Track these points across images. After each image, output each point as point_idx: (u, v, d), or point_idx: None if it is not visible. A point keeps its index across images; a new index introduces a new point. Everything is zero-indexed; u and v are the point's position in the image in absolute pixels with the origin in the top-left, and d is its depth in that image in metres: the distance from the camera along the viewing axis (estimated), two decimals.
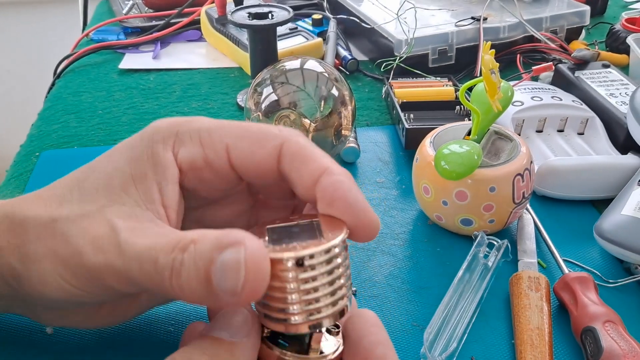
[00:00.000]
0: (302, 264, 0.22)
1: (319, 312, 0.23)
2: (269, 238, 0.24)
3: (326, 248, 0.22)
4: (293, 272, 0.22)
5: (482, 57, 0.39)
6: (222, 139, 0.27)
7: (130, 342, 0.34)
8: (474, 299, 0.37)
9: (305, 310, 0.22)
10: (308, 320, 0.23)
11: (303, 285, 0.22)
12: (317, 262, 0.22)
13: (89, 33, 0.82)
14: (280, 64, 0.49)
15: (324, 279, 0.23)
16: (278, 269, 0.22)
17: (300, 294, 0.22)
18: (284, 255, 0.22)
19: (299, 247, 0.22)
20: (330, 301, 0.23)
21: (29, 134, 0.60)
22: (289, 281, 0.22)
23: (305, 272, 0.22)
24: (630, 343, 0.32)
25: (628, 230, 0.39)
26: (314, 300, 0.22)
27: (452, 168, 0.39)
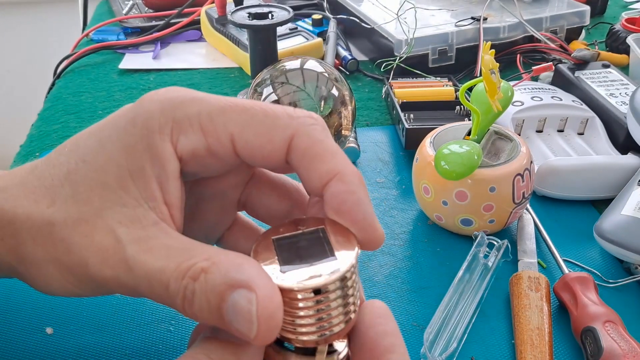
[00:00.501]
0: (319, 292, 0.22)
1: (330, 331, 0.23)
2: (279, 257, 0.23)
3: (341, 277, 0.22)
4: (307, 301, 0.22)
5: (482, 57, 0.39)
6: (226, 126, 0.25)
7: (130, 342, 0.34)
8: (474, 299, 0.37)
9: (316, 331, 0.22)
10: (318, 338, 0.23)
11: (316, 311, 0.22)
12: (332, 289, 0.22)
13: (89, 33, 0.82)
14: (280, 64, 0.49)
15: (337, 303, 0.22)
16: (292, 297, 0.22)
17: (313, 318, 0.22)
18: (300, 287, 0.22)
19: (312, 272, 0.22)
20: (341, 320, 0.23)
21: (29, 134, 0.60)
22: (302, 309, 0.22)
23: (319, 301, 0.22)
24: (630, 343, 0.32)
25: (628, 230, 0.39)
26: (325, 321, 0.22)
27: (452, 168, 0.39)
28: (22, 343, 0.34)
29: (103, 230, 0.24)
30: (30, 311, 0.36)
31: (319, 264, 0.22)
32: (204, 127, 0.25)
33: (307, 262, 0.23)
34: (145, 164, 0.24)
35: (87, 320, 0.35)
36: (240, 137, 0.25)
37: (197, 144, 0.25)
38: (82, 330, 0.35)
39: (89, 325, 0.35)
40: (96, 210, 0.24)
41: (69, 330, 0.35)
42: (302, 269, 0.22)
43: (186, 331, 0.35)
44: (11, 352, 0.33)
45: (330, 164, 0.24)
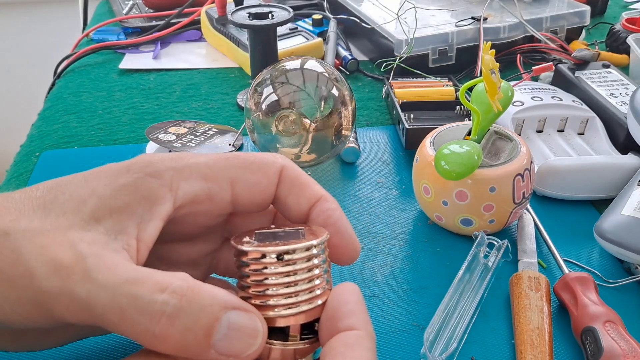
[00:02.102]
0: (282, 258, 0.24)
1: (297, 307, 0.24)
2: (255, 238, 0.26)
3: (307, 245, 0.24)
4: (275, 266, 0.24)
5: (482, 57, 0.39)
6: (226, 172, 0.27)
7: (130, 342, 0.34)
8: (474, 299, 0.37)
9: (284, 304, 0.24)
10: (285, 314, 0.24)
11: (283, 278, 0.24)
12: (298, 257, 0.24)
13: (89, 33, 0.82)
14: (280, 64, 0.49)
15: (303, 274, 0.24)
16: (260, 263, 0.24)
17: (280, 287, 0.24)
18: (268, 249, 0.24)
19: (282, 244, 0.24)
20: (307, 298, 0.24)
21: (29, 134, 0.60)
22: (271, 275, 0.24)
23: (285, 265, 0.24)
24: (630, 343, 0.32)
25: (628, 230, 0.39)
26: (292, 294, 0.24)
27: (452, 168, 0.39)
28: None
29: (63, 244, 0.23)
30: None
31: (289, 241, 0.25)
32: (205, 174, 0.27)
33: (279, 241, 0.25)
34: (130, 203, 0.24)
35: None
36: (239, 178, 0.27)
37: (199, 190, 0.26)
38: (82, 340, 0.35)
39: None
40: (61, 227, 0.23)
41: None
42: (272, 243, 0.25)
43: None
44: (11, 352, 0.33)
45: (315, 189, 0.28)
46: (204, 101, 0.65)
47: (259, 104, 0.48)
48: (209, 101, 0.65)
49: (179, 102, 0.65)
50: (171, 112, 0.63)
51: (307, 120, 0.47)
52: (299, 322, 0.24)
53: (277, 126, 0.47)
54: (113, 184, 0.25)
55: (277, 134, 0.48)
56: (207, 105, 0.64)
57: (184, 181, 0.26)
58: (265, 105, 0.47)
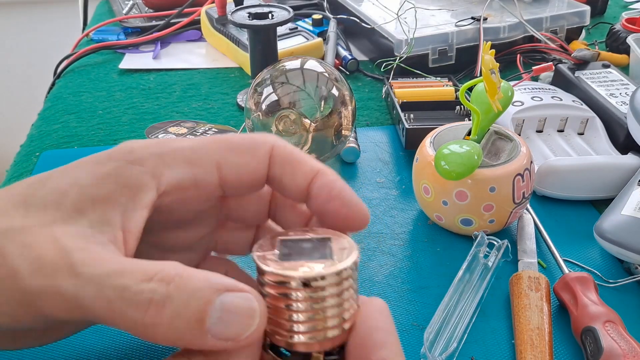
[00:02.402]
0: (310, 285, 0.21)
1: (324, 334, 0.22)
2: (279, 252, 0.23)
3: (337, 271, 0.22)
4: (301, 293, 0.22)
5: (482, 57, 0.39)
6: (211, 156, 0.26)
7: (131, 342, 0.34)
8: (474, 299, 0.37)
9: (309, 332, 0.22)
10: (310, 341, 0.22)
11: (310, 305, 0.22)
12: (327, 284, 0.22)
13: (89, 33, 0.82)
14: (280, 64, 0.49)
15: (332, 301, 0.22)
16: (286, 288, 0.22)
17: (306, 315, 0.22)
18: (293, 275, 0.21)
19: (308, 266, 0.22)
20: (335, 324, 0.22)
21: (29, 134, 0.60)
22: (294, 301, 0.22)
23: (312, 292, 0.22)
24: (630, 343, 0.32)
25: (628, 230, 0.39)
26: (319, 322, 0.22)
27: (452, 168, 0.39)
28: None
29: (46, 240, 0.22)
30: None
31: (316, 262, 0.22)
32: (189, 159, 0.25)
33: (305, 259, 0.23)
34: (112, 192, 0.24)
35: None
36: (226, 161, 0.26)
37: (184, 176, 0.25)
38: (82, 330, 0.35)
39: None
40: (43, 223, 0.23)
41: None
42: (298, 262, 0.22)
43: None
44: (11, 351, 0.33)
45: (310, 164, 0.26)
46: (204, 101, 0.65)
47: (259, 104, 0.48)
48: (209, 101, 0.65)
49: (179, 102, 0.65)
50: (171, 112, 0.63)
51: (307, 120, 0.47)
52: (324, 348, 0.22)
53: (277, 126, 0.47)
54: (95, 172, 0.24)
55: (277, 134, 0.48)
56: (207, 105, 0.64)
57: (167, 167, 0.25)
58: (265, 105, 0.47)
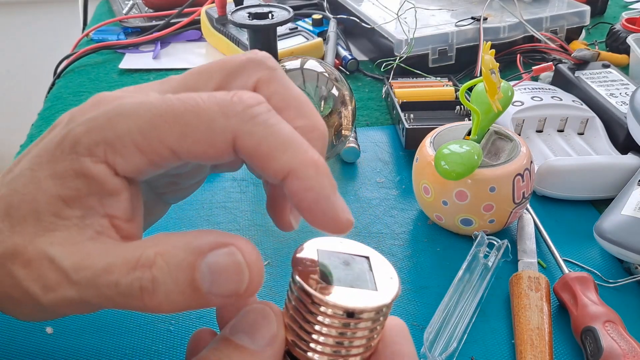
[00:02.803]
0: (353, 315, 0.21)
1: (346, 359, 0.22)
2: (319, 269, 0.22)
3: (378, 308, 0.21)
4: (335, 320, 0.21)
5: (482, 57, 0.39)
6: (162, 141, 0.23)
7: (131, 342, 0.34)
8: (474, 299, 0.37)
9: (331, 354, 0.22)
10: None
11: (339, 333, 0.21)
12: (364, 318, 0.21)
13: (89, 33, 0.82)
14: (280, 64, 0.49)
15: (362, 333, 0.22)
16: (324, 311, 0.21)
17: (333, 340, 0.21)
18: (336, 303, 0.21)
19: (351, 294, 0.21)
20: (359, 352, 0.22)
21: (29, 133, 0.60)
22: (328, 326, 0.21)
23: (347, 325, 0.21)
24: (630, 343, 0.32)
25: (628, 230, 0.39)
26: (344, 348, 0.22)
27: (452, 168, 0.39)
28: (22, 343, 0.34)
29: (37, 256, 0.23)
30: None
31: (360, 290, 0.22)
32: (139, 146, 0.23)
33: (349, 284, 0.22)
34: (78, 187, 0.23)
35: (87, 320, 0.35)
36: (181, 148, 0.23)
37: (138, 163, 0.23)
38: (82, 330, 0.35)
39: (89, 325, 0.35)
40: (29, 239, 0.23)
41: (69, 330, 0.35)
42: (342, 288, 0.21)
43: (186, 331, 0.35)
44: (11, 352, 0.33)
45: (281, 161, 0.22)
46: None
47: None
48: None
49: None
50: None
51: None
52: None
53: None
54: (55, 174, 0.23)
55: None
56: None
57: (119, 156, 0.23)
58: None
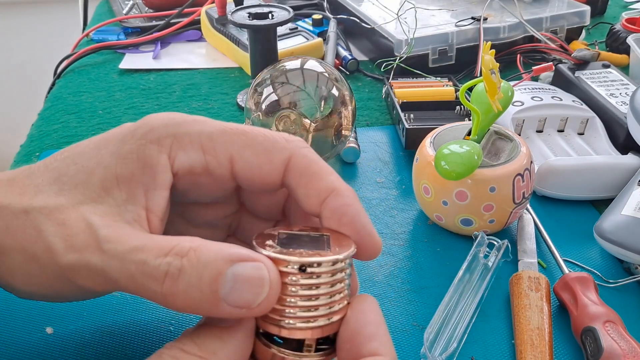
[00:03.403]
0: (306, 270, 0.22)
1: (315, 321, 0.23)
2: (278, 241, 0.24)
3: (333, 259, 0.23)
4: (296, 277, 0.23)
5: (482, 57, 0.39)
6: (226, 147, 0.26)
7: (131, 342, 0.34)
8: (474, 299, 0.37)
9: (301, 317, 0.23)
10: (302, 327, 0.23)
11: (304, 291, 0.23)
12: (322, 272, 0.23)
13: (89, 33, 0.82)
14: (280, 64, 0.49)
15: (325, 289, 0.23)
16: (282, 273, 0.23)
17: (299, 300, 0.23)
18: (291, 259, 0.22)
19: (306, 254, 0.23)
20: (328, 312, 0.23)
21: (29, 133, 0.60)
22: (291, 285, 0.23)
23: (308, 278, 0.23)
24: (631, 343, 0.32)
25: (628, 230, 0.39)
26: (311, 308, 0.23)
27: (452, 168, 0.39)
28: (22, 343, 0.34)
29: (77, 219, 0.24)
30: (30, 311, 0.36)
31: (313, 251, 0.23)
32: (204, 146, 0.26)
33: (302, 249, 0.24)
34: (135, 171, 0.25)
35: (87, 320, 0.35)
36: (240, 157, 0.26)
37: (196, 161, 0.26)
38: (82, 330, 0.35)
39: (89, 325, 0.35)
40: (73, 203, 0.25)
41: (69, 330, 0.35)
42: (295, 250, 0.23)
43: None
44: (11, 352, 0.33)
45: (327, 181, 0.25)
46: (204, 101, 0.65)
47: (259, 104, 0.48)
48: (209, 101, 0.65)
49: (179, 102, 0.65)
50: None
51: (307, 120, 0.47)
52: (315, 336, 0.23)
53: (277, 126, 0.47)
54: (118, 152, 0.25)
55: None
56: (207, 105, 0.64)
57: (181, 150, 0.26)
58: (265, 105, 0.47)
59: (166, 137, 0.26)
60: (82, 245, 0.23)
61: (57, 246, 0.24)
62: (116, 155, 0.25)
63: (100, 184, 0.25)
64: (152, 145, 0.25)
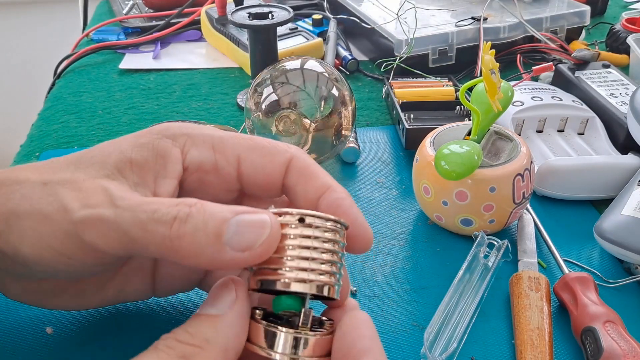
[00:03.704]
0: (305, 220, 0.24)
1: (312, 273, 0.24)
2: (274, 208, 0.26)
3: (329, 217, 0.25)
4: (295, 227, 0.24)
5: (482, 57, 0.39)
6: (235, 148, 0.29)
7: (130, 342, 0.34)
8: (474, 299, 0.37)
9: (299, 267, 0.24)
10: (300, 277, 0.24)
11: (302, 240, 0.24)
12: (317, 225, 0.24)
13: (89, 33, 0.82)
14: (280, 64, 0.49)
15: (321, 243, 0.24)
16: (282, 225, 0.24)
17: (298, 249, 0.24)
18: (291, 210, 0.25)
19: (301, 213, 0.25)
20: (321, 268, 0.24)
21: (29, 134, 0.60)
22: (290, 236, 0.24)
23: (307, 228, 0.24)
24: (630, 343, 0.32)
25: (628, 230, 0.39)
26: (309, 259, 0.24)
27: (452, 168, 0.39)
28: (22, 343, 0.34)
29: (91, 185, 0.26)
30: (30, 311, 0.36)
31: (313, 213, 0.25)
32: (215, 145, 0.29)
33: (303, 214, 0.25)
34: (148, 158, 0.27)
35: (87, 320, 0.35)
36: (247, 157, 0.29)
37: (206, 158, 0.28)
38: (82, 331, 0.35)
39: (89, 325, 0.35)
40: (90, 177, 0.26)
41: (69, 330, 0.35)
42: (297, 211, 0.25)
43: None
44: (11, 352, 0.33)
45: (324, 179, 0.28)
46: (204, 101, 0.65)
47: (259, 104, 0.48)
48: (209, 101, 0.65)
49: (179, 102, 0.65)
50: (171, 112, 0.63)
51: (307, 120, 0.47)
52: (312, 291, 0.24)
53: (277, 126, 0.47)
54: (134, 142, 0.28)
55: (277, 134, 0.48)
56: (207, 105, 0.64)
57: (194, 147, 0.28)
58: (265, 106, 0.47)
59: (181, 135, 0.28)
60: (97, 203, 0.25)
61: (72, 205, 0.25)
62: (132, 144, 0.28)
63: (115, 165, 0.27)
64: (167, 139, 0.28)
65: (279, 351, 0.24)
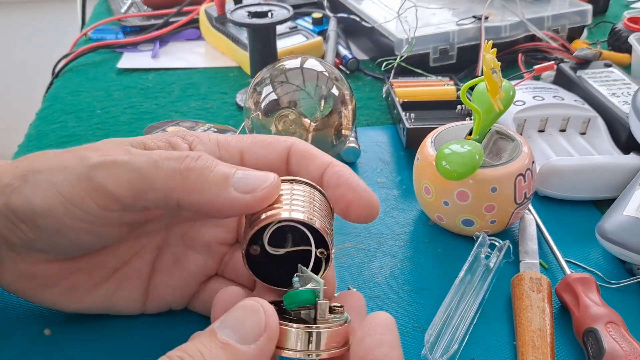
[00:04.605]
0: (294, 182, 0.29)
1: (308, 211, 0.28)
2: None
3: (310, 182, 0.29)
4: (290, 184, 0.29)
5: (484, 56, 0.39)
6: (238, 144, 0.31)
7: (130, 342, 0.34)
8: (476, 300, 0.36)
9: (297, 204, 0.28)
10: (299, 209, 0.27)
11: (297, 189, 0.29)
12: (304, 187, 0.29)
13: (87, 32, 0.81)
14: (280, 63, 0.49)
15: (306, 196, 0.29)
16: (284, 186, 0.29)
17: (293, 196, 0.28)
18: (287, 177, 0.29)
19: None
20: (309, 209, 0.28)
21: (27, 133, 0.60)
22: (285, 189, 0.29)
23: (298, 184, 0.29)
24: (632, 344, 0.31)
25: (630, 230, 0.39)
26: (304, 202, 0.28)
27: (453, 168, 0.38)
28: (21, 344, 0.34)
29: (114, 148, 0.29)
30: (29, 311, 0.35)
31: None
32: (220, 143, 0.31)
33: None
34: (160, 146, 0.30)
35: (87, 320, 0.35)
36: (249, 150, 0.31)
37: (212, 153, 0.30)
38: (81, 332, 0.34)
39: (88, 325, 0.35)
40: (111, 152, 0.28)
41: (68, 330, 0.34)
42: None
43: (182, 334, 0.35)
44: (11, 352, 0.33)
45: (323, 158, 0.31)
46: (203, 100, 0.65)
47: (258, 104, 0.47)
48: (208, 100, 0.65)
49: (177, 101, 0.65)
50: (170, 112, 0.62)
51: (307, 119, 0.47)
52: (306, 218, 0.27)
53: (277, 126, 0.47)
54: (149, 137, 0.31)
55: (277, 134, 0.47)
56: (206, 104, 0.64)
57: (200, 144, 0.31)
58: (264, 105, 0.47)
59: (190, 135, 0.31)
60: (113, 153, 0.28)
61: (90, 155, 0.28)
62: (147, 138, 0.31)
63: (130, 144, 0.29)
64: (177, 137, 0.31)
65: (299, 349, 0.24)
